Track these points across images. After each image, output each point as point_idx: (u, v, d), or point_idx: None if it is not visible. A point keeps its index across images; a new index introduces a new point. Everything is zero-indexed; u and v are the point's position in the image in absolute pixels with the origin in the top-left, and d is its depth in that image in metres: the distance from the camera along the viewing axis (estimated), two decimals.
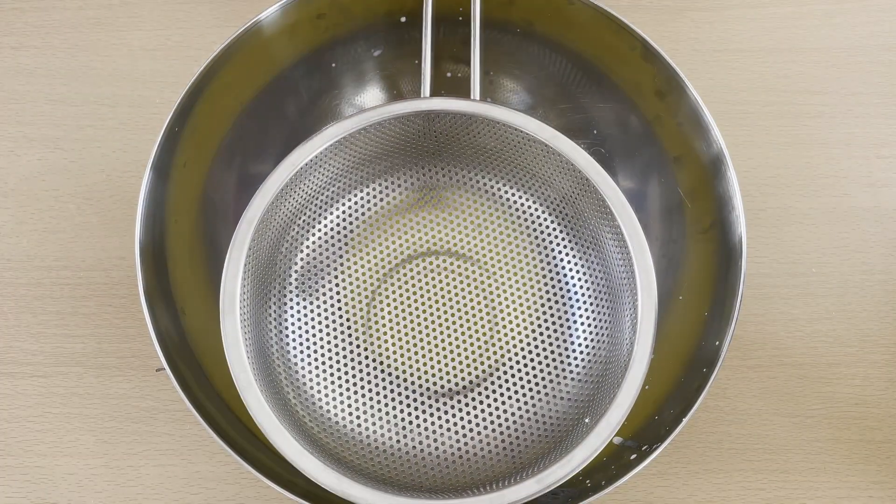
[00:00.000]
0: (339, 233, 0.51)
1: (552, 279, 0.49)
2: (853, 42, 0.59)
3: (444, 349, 0.47)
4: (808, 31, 0.59)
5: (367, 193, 0.51)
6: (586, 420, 0.46)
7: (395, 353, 0.48)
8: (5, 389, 0.51)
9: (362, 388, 0.48)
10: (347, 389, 0.48)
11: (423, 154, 0.51)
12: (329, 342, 0.49)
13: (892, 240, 0.55)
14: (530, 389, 0.48)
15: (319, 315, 0.49)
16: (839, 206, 0.55)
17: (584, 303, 0.49)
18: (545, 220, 0.51)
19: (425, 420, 0.47)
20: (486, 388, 0.47)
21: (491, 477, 0.46)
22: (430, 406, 0.47)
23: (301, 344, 0.48)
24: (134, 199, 0.47)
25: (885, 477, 0.50)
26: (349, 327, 0.49)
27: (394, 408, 0.47)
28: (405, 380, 0.48)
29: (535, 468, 0.43)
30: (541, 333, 0.48)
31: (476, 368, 0.47)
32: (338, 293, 0.50)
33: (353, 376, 0.48)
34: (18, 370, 0.52)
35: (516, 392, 0.47)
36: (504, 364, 0.47)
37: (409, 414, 0.47)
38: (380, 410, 0.47)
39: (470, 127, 0.47)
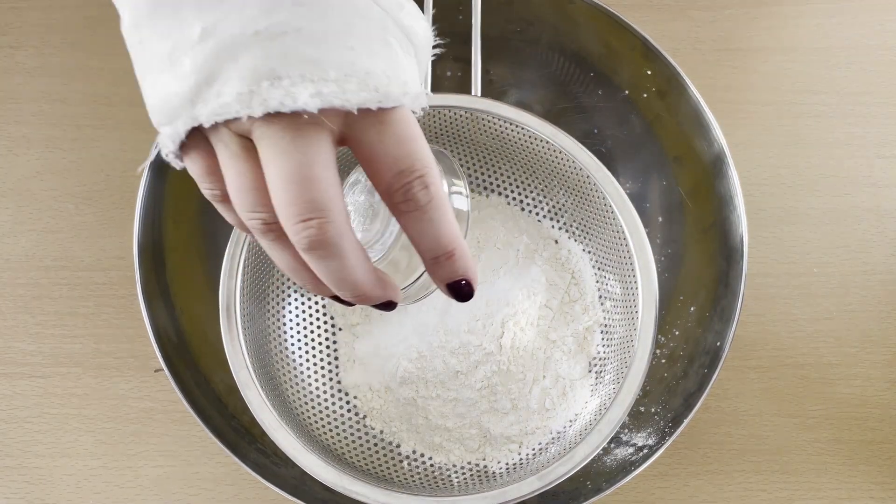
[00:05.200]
0: None
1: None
2: (853, 42, 0.59)
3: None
4: (808, 30, 0.59)
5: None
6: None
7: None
8: (3, 390, 0.51)
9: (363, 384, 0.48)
10: (348, 386, 0.48)
11: None
12: (328, 339, 0.49)
13: (892, 240, 0.55)
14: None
15: (318, 312, 0.49)
16: (840, 205, 0.55)
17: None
18: (545, 219, 0.51)
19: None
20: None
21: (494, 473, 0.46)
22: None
23: (300, 341, 0.48)
24: (133, 199, 0.47)
25: (887, 477, 0.50)
26: (348, 323, 0.49)
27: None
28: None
29: (537, 465, 0.43)
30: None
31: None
32: None
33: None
34: (17, 371, 0.52)
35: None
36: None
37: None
38: (381, 408, 0.47)
39: (471, 124, 0.47)
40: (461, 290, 0.30)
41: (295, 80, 0.24)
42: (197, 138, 0.26)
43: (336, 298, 0.30)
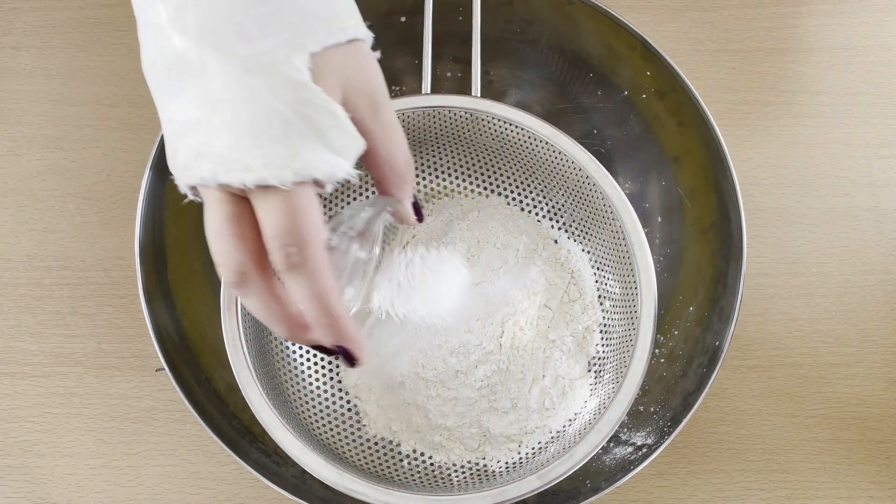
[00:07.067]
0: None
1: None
2: (853, 42, 0.59)
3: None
4: (808, 31, 0.59)
5: (367, 190, 0.51)
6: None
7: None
8: (5, 389, 0.51)
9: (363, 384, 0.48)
10: (348, 385, 0.48)
11: (422, 153, 0.51)
12: None
13: (891, 240, 0.55)
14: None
15: None
16: (839, 206, 0.55)
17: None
18: (545, 219, 0.51)
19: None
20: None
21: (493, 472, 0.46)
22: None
23: None
24: (134, 199, 0.47)
25: (885, 477, 0.50)
26: None
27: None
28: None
29: (537, 464, 0.44)
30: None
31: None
32: None
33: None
34: (18, 370, 0.52)
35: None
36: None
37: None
38: (381, 407, 0.47)
39: (470, 124, 0.47)
40: (342, 356, 0.33)
41: (205, 160, 0.30)
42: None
43: (319, 349, 0.35)
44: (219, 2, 0.30)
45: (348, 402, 0.48)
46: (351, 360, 0.33)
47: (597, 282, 0.49)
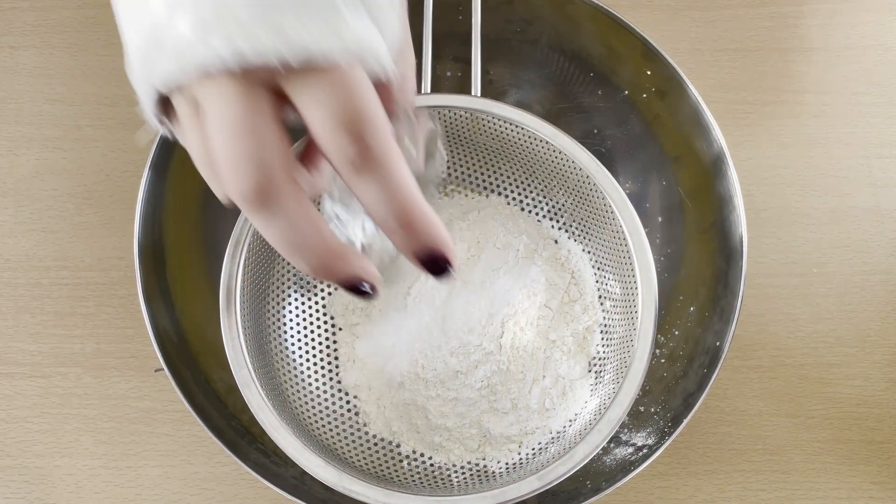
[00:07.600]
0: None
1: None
2: (853, 42, 0.59)
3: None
4: (809, 30, 0.59)
5: None
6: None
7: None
8: (4, 390, 0.51)
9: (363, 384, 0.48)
10: (348, 386, 0.48)
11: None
12: (328, 338, 0.49)
13: (892, 239, 0.55)
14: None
15: (318, 311, 0.49)
16: (840, 206, 0.55)
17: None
18: (545, 219, 0.51)
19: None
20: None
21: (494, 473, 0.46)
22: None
23: (300, 340, 0.48)
24: (133, 199, 0.47)
25: (886, 477, 0.50)
26: (348, 323, 0.49)
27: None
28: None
29: (537, 465, 0.43)
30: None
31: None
32: (336, 289, 0.50)
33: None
34: (17, 370, 0.52)
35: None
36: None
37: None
38: (381, 408, 0.47)
39: (471, 124, 0.47)
40: (433, 263, 0.27)
41: (220, 35, 0.23)
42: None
43: (352, 289, 0.27)
44: None
45: (348, 402, 0.48)
46: (444, 266, 0.27)
47: (597, 282, 0.49)
